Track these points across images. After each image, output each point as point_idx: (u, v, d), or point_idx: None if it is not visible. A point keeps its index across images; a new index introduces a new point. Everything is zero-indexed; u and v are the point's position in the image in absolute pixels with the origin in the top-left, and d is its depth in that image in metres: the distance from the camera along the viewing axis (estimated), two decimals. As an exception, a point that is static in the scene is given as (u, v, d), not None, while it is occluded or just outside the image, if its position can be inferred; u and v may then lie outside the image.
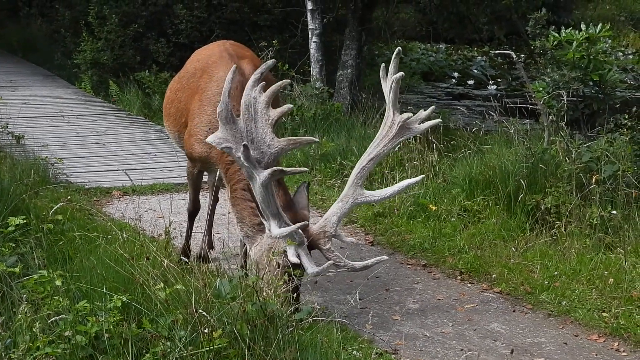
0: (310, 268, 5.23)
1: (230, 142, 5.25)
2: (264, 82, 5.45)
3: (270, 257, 5.33)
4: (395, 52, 5.78)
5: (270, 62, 5.60)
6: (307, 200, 5.81)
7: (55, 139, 11.23)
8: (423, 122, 5.83)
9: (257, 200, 5.37)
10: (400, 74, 5.70)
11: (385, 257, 5.81)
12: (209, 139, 5.40)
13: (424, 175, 6.01)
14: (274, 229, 5.31)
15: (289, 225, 5.29)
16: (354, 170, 5.79)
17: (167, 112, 6.80)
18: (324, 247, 5.51)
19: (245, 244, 6.10)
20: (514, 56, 11.38)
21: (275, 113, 5.38)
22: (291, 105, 5.53)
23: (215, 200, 7.09)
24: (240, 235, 5.81)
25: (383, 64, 5.84)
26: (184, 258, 5.75)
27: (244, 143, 5.10)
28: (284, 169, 5.21)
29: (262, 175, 5.12)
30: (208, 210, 7.14)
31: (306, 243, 5.33)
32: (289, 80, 5.61)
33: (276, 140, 5.35)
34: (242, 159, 5.11)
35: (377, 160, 5.87)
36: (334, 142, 10.39)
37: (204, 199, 7.26)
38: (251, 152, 5.18)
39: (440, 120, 5.97)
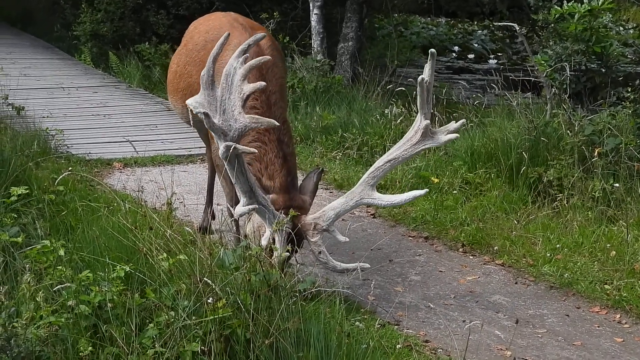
0: (281, 250, 5.11)
1: (206, 109, 5.13)
2: (247, 55, 5.27)
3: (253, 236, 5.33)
4: (429, 54, 5.47)
5: (260, 35, 5.44)
6: (314, 187, 5.70)
7: (56, 110, 11.17)
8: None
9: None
10: (422, 77, 5.36)
11: (367, 265, 5.48)
12: (188, 102, 5.32)
13: (427, 190, 5.83)
14: (239, 206, 5.24)
15: (262, 204, 5.23)
16: (370, 168, 5.58)
17: (175, 88, 6.63)
18: (312, 239, 5.43)
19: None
20: (517, 28, 11.31)
21: (248, 88, 5.17)
22: (264, 83, 5.20)
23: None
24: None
25: (420, 77, 5.38)
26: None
27: (204, 111, 5.03)
28: (237, 145, 5.03)
29: (220, 147, 5.04)
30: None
31: (287, 227, 5.19)
32: (269, 57, 5.45)
33: (242, 116, 5.15)
34: (207, 126, 5.06)
35: (395, 164, 5.59)
36: (335, 114, 10.37)
37: (204, 170, 7.23)
38: (220, 122, 5.11)
39: (457, 135, 5.67)
